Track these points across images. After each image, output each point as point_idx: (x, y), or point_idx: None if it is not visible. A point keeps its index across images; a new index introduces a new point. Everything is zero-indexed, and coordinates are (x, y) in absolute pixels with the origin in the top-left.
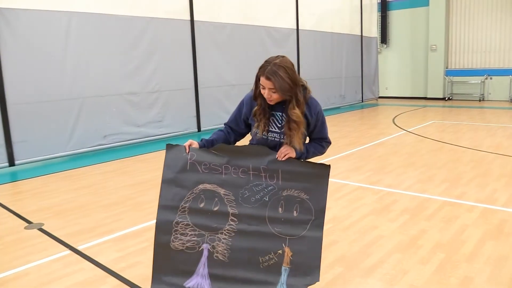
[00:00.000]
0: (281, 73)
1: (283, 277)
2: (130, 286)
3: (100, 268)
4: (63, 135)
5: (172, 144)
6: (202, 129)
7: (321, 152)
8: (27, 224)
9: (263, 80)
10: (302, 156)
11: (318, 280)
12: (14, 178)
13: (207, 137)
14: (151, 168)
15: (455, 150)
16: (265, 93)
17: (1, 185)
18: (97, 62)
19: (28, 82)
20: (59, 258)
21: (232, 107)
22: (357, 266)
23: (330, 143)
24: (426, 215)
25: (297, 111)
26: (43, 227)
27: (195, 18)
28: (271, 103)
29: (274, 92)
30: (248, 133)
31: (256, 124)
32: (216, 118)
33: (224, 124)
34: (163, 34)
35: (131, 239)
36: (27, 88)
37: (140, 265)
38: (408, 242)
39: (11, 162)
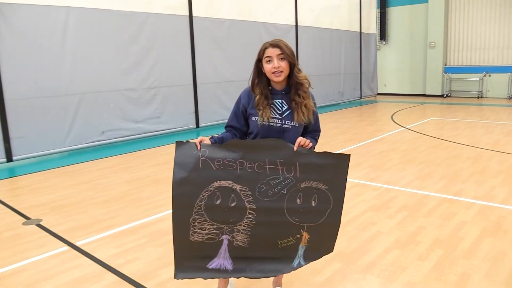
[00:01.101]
0: (284, 42)
1: (300, 251)
2: (128, 282)
3: (98, 264)
4: (61, 131)
5: (182, 141)
6: (200, 125)
7: (315, 144)
8: (25, 220)
9: (270, 50)
10: (314, 146)
11: (332, 251)
12: (12, 173)
13: (206, 134)
14: (149, 164)
15: (454, 147)
16: (273, 63)
17: None
18: (95, 58)
19: (26, 77)
20: (57, 254)
21: (230, 103)
22: (356, 262)
23: (320, 131)
24: (425, 211)
25: (302, 74)
26: (41, 223)
27: (193, 14)
28: (279, 77)
29: (282, 59)
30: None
31: (260, 113)
32: (215, 114)
33: (225, 127)
34: (162, 30)
35: (129, 235)
36: (25, 84)
37: (138, 261)
38: (406, 238)
39: (9, 158)
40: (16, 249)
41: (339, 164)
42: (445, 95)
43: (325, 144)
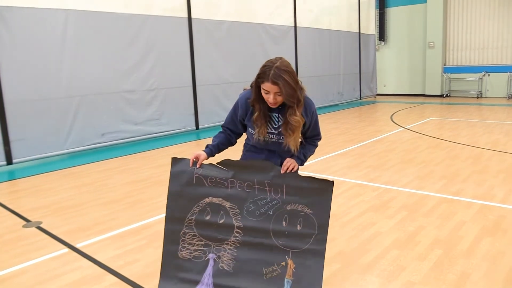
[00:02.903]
0: (286, 77)
1: None
2: (128, 284)
3: (98, 266)
4: (61, 133)
5: (177, 158)
6: (200, 127)
7: (314, 150)
8: (25, 223)
9: (268, 86)
10: (302, 163)
11: None
12: (12, 176)
13: (206, 135)
14: (149, 166)
15: (453, 147)
16: (269, 97)
17: None
18: (95, 60)
19: (26, 80)
20: (58, 256)
21: (230, 105)
22: (355, 262)
23: (321, 137)
24: (424, 211)
25: (297, 117)
26: (41, 225)
27: (192, 16)
28: (275, 106)
29: (279, 95)
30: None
31: (257, 130)
32: (214, 116)
33: (222, 126)
34: (161, 32)
35: (130, 237)
36: (25, 86)
37: (138, 262)
38: (406, 238)
39: (9, 161)
40: (16, 251)
41: (323, 189)
42: (444, 95)
43: (325, 144)
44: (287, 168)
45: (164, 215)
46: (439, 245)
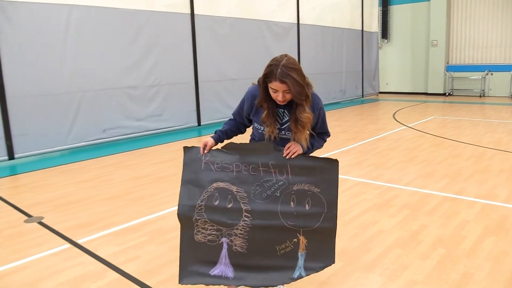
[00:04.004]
0: (294, 75)
1: (300, 261)
2: (129, 280)
3: (99, 261)
4: (63, 129)
5: (188, 147)
6: (202, 123)
7: (322, 145)
8: (26, 218)
9: (276, 85)
10: (308, 152)
11: (334, 262)
12: (13, 171)
13: (207, 132)
14: (151, 162)
15: (455, 145)
16: (278, 96)
17: (0, 179)
18: (97, 56)
19: (28, 75)
20: (59, 252)
21: (232, 101)
22: (357, 261)
23: (330, 134)
24: (426, 210)
25: (307, 113)
26: (42, 221)
27: (195, 12)
28: (284, 103)
29: (288, 93)
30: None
31: (267, 130)
32: (216, 113)
33: (232, 114)
34: (163, 28)
35: (131, 233)
36: (27, 82)
37: (139, 259)
38: (408, 237)
39: (11, 156)
40: (18, 247)
41: (328, 167)
42: (447, 94)
43: (327, 142)
44: (289, 152)
45: (166, 211)
46: (441, 244)
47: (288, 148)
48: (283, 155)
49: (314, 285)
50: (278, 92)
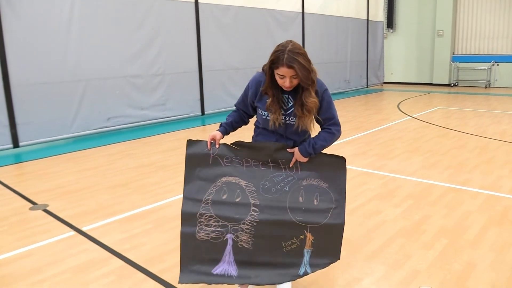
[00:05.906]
0: (300, 60)
1: (306, 258)
2: (134, 267)
3: (104, 249)
4: (67, 117)
5: (192, 140)
6: (206, 112)
7: (330, 141)
8: (31, 205)
9: (283, 70)
10: (310, 155)
11: (339, 258)
12: (18, 159)
13: (211, 121)
14: (155, 150)
15: (460, 136)
16: (285, 82)
17: (5, 167)
18: (101, 44)
19: (32, 63)
20: (64, 239)
21: (236, 91)
22: (361, 250)
23: (339, 126)
24: (430, 201)
25: (313, 98)
26: (47, 208)
27: (199, 0)
28: (291, 89)
29: (295, 78)
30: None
31: (272, 116)
32: (220, 102)
33: (235, 105)
34: (167, 16)
35: (136, 220)
36: (31, 70)
37: (144, 246)
38: (411, 227)
39: (15, 144)
40: (23, 234)
41: (336, 164)
42: (452, 84)
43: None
44: (295, 160)
45: (171, 199)
46: (445, 234)
47: (294, 160)
48: (290, 165)
49: (316, 274)
50: (285, 78)
